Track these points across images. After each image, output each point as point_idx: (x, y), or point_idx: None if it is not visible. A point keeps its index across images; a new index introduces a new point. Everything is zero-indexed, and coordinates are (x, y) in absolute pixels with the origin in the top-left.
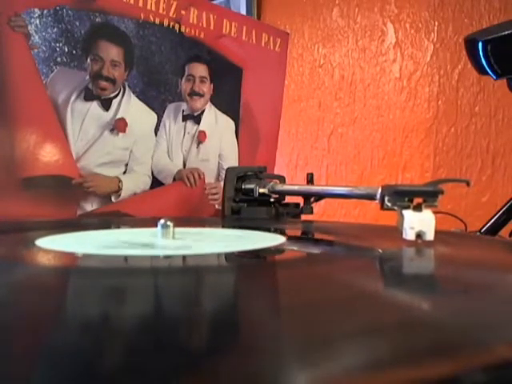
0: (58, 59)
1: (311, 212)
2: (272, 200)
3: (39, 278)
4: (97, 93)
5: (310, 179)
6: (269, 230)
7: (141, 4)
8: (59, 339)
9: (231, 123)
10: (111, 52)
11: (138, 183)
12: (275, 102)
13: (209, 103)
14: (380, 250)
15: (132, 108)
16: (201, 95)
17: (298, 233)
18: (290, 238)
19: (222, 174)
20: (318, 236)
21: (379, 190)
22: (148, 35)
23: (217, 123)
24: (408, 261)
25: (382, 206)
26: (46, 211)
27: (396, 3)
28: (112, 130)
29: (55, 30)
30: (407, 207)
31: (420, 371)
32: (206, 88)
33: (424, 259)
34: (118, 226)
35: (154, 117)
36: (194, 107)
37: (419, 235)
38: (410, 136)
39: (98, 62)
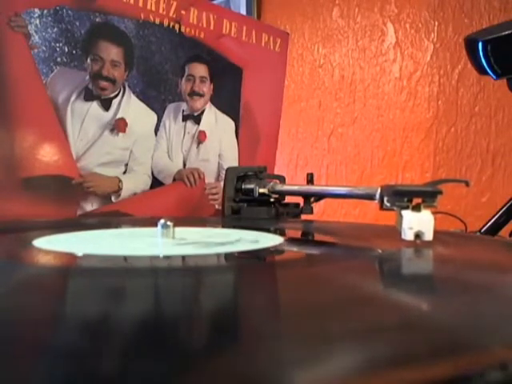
0: (58, 59)
1: (311, 212)
2: (272, 200)
3: (33, 279)
4: (97, 93)
5: (310, 179)
6: (269, 230)
7: (141, 4)
8: (52, 339)
9: (231, 123)
10: (111, 52)
11: (137, 183)
12: (275, 101)
13: (209, 103)
14: (379, 250)
15: (132, 108)
16: (201, 95)
17: (298, 233)
18: (290, 239)
19: (222, 174)
20: (317, 236)
21: (378, 190)
22: (148, 35)
23: (217, 123)
24: (406, 261)
25: (382, 206)
26: (46, 211)
27: (396, 3)
28: (112, 130)
29: (55, 29)
30: (406, 207)
31: (419, 372)
32: (206, 88)
33: (422, 260)
34: (117, 226)
35: (153, 117)
36: (194, 107)
37: (418, 235)
38: (410, 136)
39: (98, 62)
